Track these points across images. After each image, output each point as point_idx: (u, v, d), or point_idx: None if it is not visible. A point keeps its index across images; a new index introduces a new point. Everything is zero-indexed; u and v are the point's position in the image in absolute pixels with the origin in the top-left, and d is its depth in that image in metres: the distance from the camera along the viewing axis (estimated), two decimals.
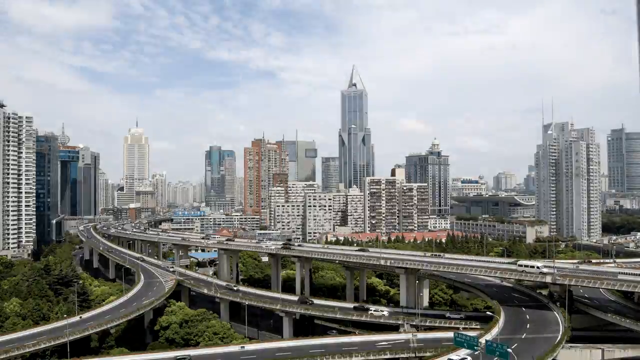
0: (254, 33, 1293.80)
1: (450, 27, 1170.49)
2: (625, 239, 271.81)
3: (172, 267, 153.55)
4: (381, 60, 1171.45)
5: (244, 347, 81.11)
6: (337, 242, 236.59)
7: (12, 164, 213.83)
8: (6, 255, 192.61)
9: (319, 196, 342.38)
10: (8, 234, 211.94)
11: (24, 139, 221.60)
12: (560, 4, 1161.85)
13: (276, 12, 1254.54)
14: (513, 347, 62.17)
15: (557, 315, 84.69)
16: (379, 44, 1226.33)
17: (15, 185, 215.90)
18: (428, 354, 71.68)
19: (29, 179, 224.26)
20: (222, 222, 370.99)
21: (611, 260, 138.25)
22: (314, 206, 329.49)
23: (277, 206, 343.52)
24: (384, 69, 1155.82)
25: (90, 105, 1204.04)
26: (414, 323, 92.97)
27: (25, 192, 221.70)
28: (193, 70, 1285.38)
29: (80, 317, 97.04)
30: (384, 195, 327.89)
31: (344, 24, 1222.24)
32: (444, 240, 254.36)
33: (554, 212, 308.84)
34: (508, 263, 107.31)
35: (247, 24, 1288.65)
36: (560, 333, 74.71)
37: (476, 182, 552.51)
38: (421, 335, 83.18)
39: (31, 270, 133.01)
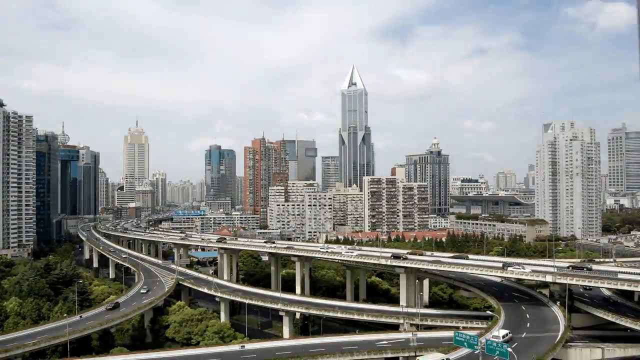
0: None
1: None
2: (625, 238, 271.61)
3: (173, 266, 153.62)
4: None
5: (244, 346, 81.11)
6: (337, 242, 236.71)
7: (12, 163, 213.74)
8: (7, 255, 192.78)
9: (319, 195, 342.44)
10: (8, 233, 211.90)
11: (24, 138, 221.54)
12: None
13: None
14: (513, 346, 62.15)
15: (557, 314, 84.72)
16: None
17: (16, 185, 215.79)
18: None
19: (29, 178, 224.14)
20: (222, 222, 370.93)
21: (611, 260, 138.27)
22: (314, 205, 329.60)
23: (277, 205, 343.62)
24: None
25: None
26: (414, 322, 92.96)
27: (26, 191, 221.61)
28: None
29: (81, 316, 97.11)
30: (384, 194, 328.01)
31: None
32: (444, 240, 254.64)
33: (554, 211, 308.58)
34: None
35: None
36: (561, 332, 74.68)
37: (476, 181, 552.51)
38: (421, 334, 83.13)
39: (31, 270, 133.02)
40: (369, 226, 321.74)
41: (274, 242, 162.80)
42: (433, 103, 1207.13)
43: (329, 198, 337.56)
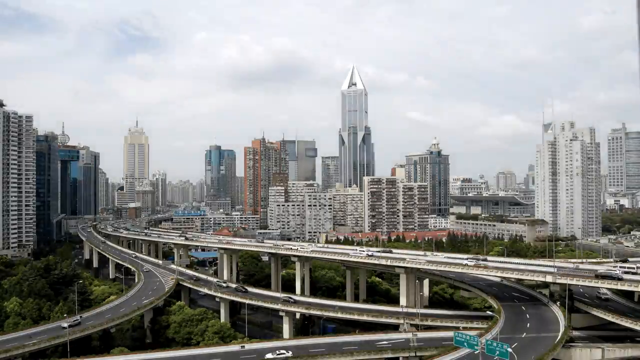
0: None
1: None
2: (626, 238, 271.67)
3: (173, 266, 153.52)
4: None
5: (244, 346, 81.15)
6: (337, 242, 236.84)
7: (12, 164, 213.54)
8: (7, 255, 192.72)
9: (319, 195, 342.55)
10: (9, 233, 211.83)
11: (24, 138, 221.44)
12: None
13: None
14: (513, 346, 62.12)
15: (557, 314, 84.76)
16: None
17: (16, 185, 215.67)
18: (428, 354, 71.81)
19: (29, 178, 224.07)
20: (222, 222, 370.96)
21: (611, 260, 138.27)
22: (314, 205, 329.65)
23: (277, 205, 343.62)
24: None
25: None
26: (414, 322, 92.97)
27: (26, 191, 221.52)
28: None
29: (81, 316, 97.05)
30: (384, 194, 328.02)
31: None
32: (444, 240, 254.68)
33: (554, 212, 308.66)
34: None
35: None
36: (561, 332, 74.74)
37: (476, 181, 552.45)
38: (421, 334, 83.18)
39: (31, 270, 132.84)
40: (369, 226, 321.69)
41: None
42: None
43: (329, 198, 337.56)
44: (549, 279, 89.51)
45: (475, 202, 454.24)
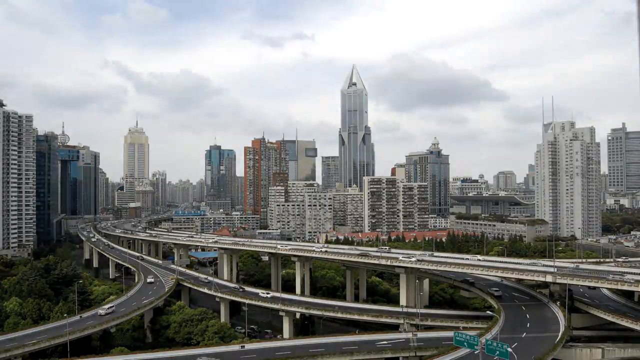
0: None
1: None
2: (626, 238, 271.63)
3: (173, 266, 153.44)
4: None
5: (244, 346, 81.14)
6: (337, 242, 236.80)
7: (12, 163, 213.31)
8: (7, 255, 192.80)
9: (319, 195, 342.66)
10: (9, 233, 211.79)
11: (24, 138, 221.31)
12: None
13: None
14: (513, 346, 62.17)
15: (557, 314, 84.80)
16: None
17: (16, 185, 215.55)
18: (428, 353, 71.81)
19: (29, 178, 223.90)
20: (222, 222, 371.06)
21: (611, 260, 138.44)
22: (314, 205, 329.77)
23: (277, 205, 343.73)
24: None
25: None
26: (414, 322, 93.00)
27: (26, 191, 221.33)
28: None
29: (81, 316, 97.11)
30: (384, 194, 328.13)
31: None
32: (444, 240, 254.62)
33: (554, 212, 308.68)
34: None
35: None
36: (561, 332, 74.79)
37: (476, 181, 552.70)
38: (421, 334, 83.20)
39: (31, 270, 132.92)
40: (368, 226, 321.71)
41: None
42: None
43: (329, 198, 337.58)
44: (549, 279, 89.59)
45: (475, 202, 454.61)
